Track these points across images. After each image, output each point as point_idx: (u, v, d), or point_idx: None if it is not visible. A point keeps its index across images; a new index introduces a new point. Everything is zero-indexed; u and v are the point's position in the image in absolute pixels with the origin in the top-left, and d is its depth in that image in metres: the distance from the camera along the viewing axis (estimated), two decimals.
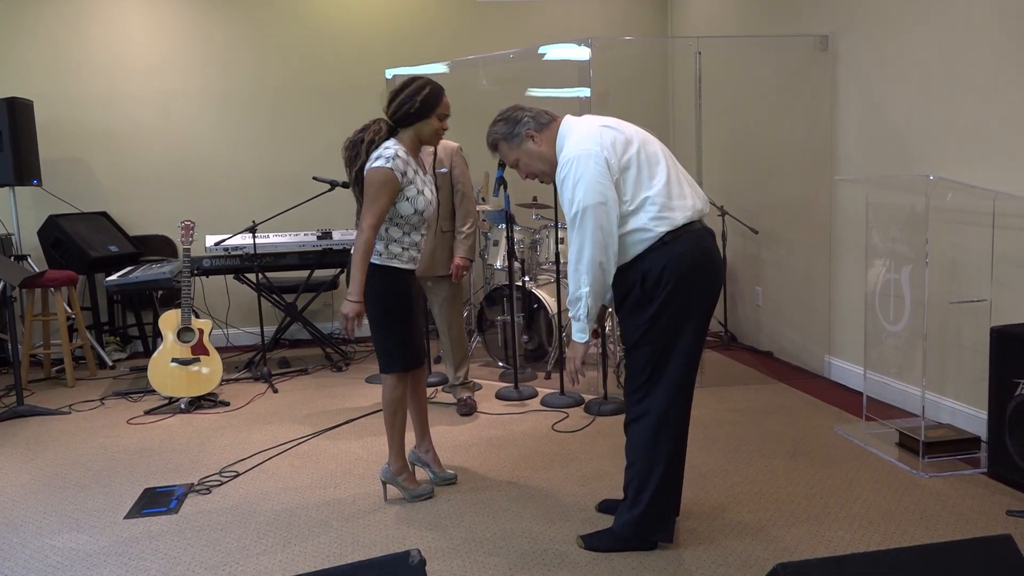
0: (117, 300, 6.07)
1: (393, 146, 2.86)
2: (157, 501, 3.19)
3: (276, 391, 4.86)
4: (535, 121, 2.59)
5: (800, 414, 4.03)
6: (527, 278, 5.01)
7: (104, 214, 6.03)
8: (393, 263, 2.94)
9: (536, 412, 4.22)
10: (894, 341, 3.68)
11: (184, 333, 4.51)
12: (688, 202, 2.48)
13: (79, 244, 5.52)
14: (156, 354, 4.46)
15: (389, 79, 5.83)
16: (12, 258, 5.47)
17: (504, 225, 4.86)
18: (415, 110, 2.89)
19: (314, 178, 5.21)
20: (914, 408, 3.85)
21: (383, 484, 3.15)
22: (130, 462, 3.67)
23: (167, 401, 4.53)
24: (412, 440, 3.29)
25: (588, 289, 2.43)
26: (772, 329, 5.40)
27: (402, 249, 2.95)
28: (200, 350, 4.50)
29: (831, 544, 2.63)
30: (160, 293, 5.98)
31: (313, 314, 5.89)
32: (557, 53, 4.95)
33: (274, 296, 5.50)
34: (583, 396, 4.38)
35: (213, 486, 3.33)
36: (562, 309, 4.61)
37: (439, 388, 4.66)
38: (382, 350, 3.00)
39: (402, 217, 2.91)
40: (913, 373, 3.81)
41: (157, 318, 5.33)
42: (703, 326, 2.53)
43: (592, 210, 2.37)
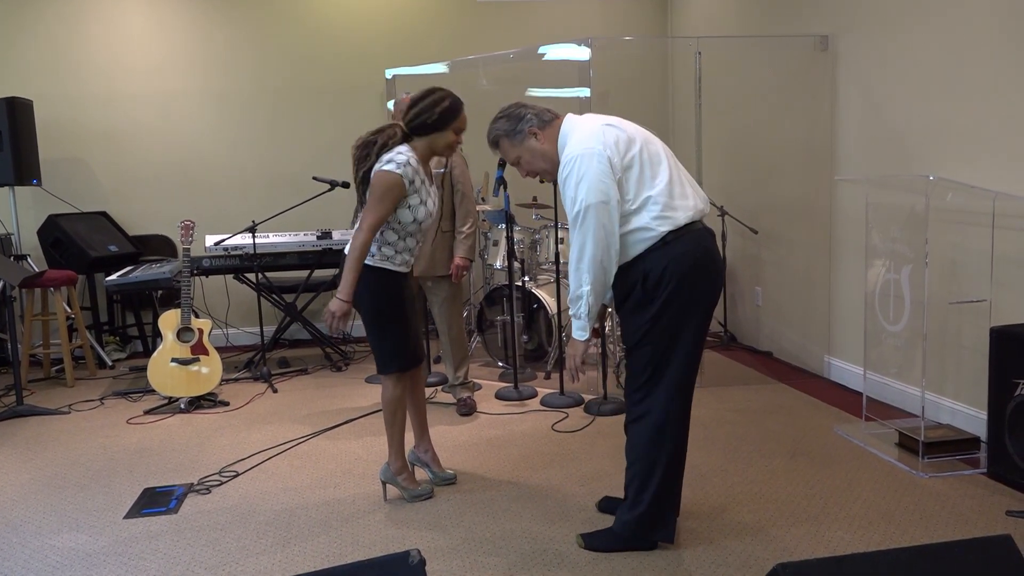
0: (117, 300, 6.07)
1: (406, 152, 2.86)
2: (157, 501, 3.19)
3: (276, 391, 4.86)
4: (538, 119, 2.57)
5: (800, 414, 4.03)
6: (527, 278, 5.01)
7: (104, 214, 6.02)
8: (385, 265, 2.94)
9: (536, 412, 4.22)
10: (894, 341, 3.68)
11: (184, 333, 4.51)
12: (690, 202, 2.48)
13: (79, 244, 5.52)
14: (156, 354, 4.46)
15: (389, 79, 5.84)
16: (12, 258, 5.47)
17: (504, 225, 4.86)
18: (432, 121, 2.89)
19: (314, 178, 5.21)
20: (914, 408, 3.84)
21: (383, 484, 3.15)
22: (130, 462, 3.67)
23: (167, 401, 4.53)
24: (411, 440, 3.29)
25: (589, 288, 2.43)
26: (772, 329, 5.40)
27: (395, 252, 2.95)
28: (200, 350, 4.50)
29: (831, 544, 2.63)
30: (160, 293, 5.98)
31: (313, 314, 5.88)
32: (557, 53, 4.96)
33: (274, 296, 5.50)
34: (583, 396, 4.38)
35: (213, 486, 3.33)
36: (562, 309, 4.61)
37: (439, 388, 4.66)
38: (378, 351, 3.01)
39: (400, 223, 2.91)
40: (913, 373, 3.81)
41: (157, 318, 5.32)
42: (704, 326, 2.53)
43: (594, 208, 2.36)
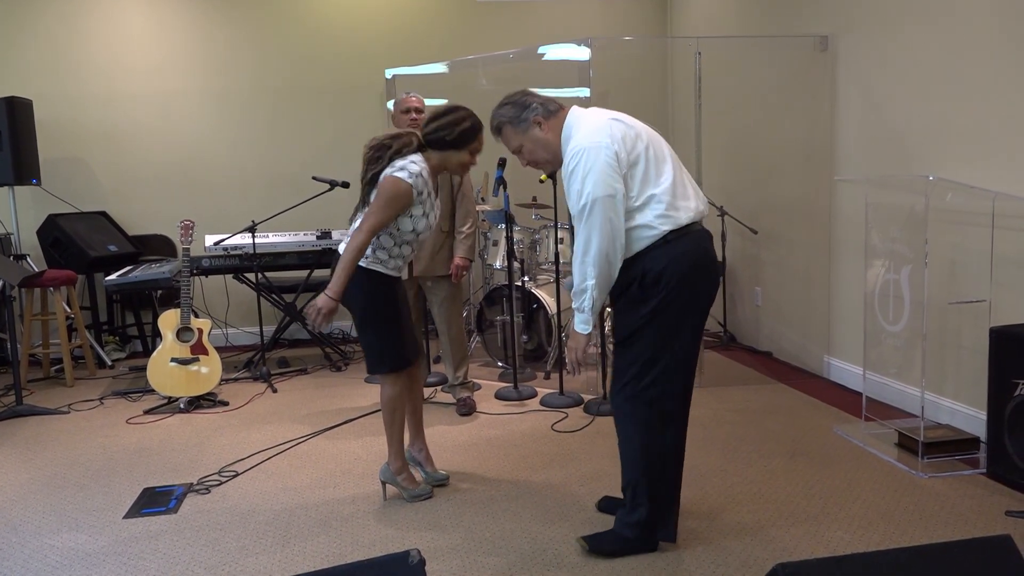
0: (116, 300, 6.07)
1: (420, 163, 2.87)
2: (156, 501, 3.19)
3: (275, 391, 4.86)
4: (543, 108, 2.55)
5: (799, 414, 4.03)
6: (526, 278, 5.01)
7: (103, 214, 6.02)
8: (377, 268, 2.94)
9: (535, 412, 4.22)
10: (893, 341, 3.67)
11: (183, 333, 4.51)
12: (691, 203, 2.47)
13: (78, 244, 5.52)
14: (155, 354, 4.46)
15: (389, 79, 5.84)
16: (11, 257, 5.47)
17: (504, 225, 4.86)
18: (451, 139, 2.89)
19: (314, 178, 5.21)
20: (913, 408, 3.84)
21: (382, 484, 3.15)
22: (129, 462, 3.67)
23: (166, 401, 4.53)
24: (407, 439, 3.29)
25: (594, 282, 2.41)
26: (771, 329, 5.40)
27: (389, 258, 2.95)
28: (199, 350, 4.50)
29: (830, 544, 2.63)
30: (159, 293, 5.98)
31: None
32: (557, 53, 4.96)
33: (273, 296, 5.50)
34: (583, 396, 4.38)
35: (212, 486, 3.33)
36: (561, 309, 4.61)
37: (438, 388, 4.66)
38: (369, 350, 3.00)
39: (399, 230, 2.91)
40: (912, 373, 3.81)
41: (156, 318, 5.32)
42: (700, 326, 2.53)
43: (601, 202, 2.35)
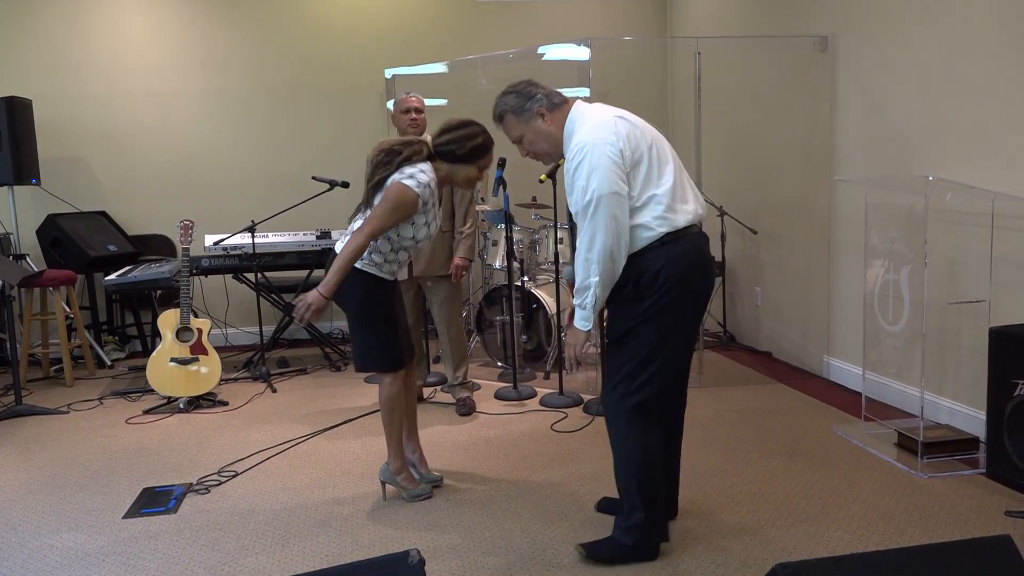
0: (116, 300, 6.07)
1: (428, 173, 2.87)
2: (156, 501, 3.19)
3: (275, 391, 4.86)
4: (548, 100, 2.53)
5: (799, 414, 4.03)
6: (526, 278, 5.01)
7: (103, 213, 6.02)
8: (372, 270, 2.94)
9: (535, 412, 4.22)
10: (893, 341, 3.67)
11: (183, 332, 4.50)
12: (690, 206, 2.47)
13: (78, 243, 5.52)
14: (155, 354, 4.46)
15: (388, 79, 5.84)
16: (11, 257, 5.47)
17: (503, 225, 4.86)
18: (461, 154, 2.90)
19: (313, 178, 5.21)
20: (913, 408, 3.84)
21: (382, 484, 3.15)
22: (129, 462, 3.67)
23: (166, 401, 4.53)
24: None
25: (598, 279, 2.39)
26: (771, 329, 5.40)
27: (384, 261, 2.95)
28: (199, 350, 4.50)
29: (830, 544, 2.63)
30: (159, 293, 5.98)
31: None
32: (557, 53, 4.96)
33: (273, 296, 5.50)
34: (582, 396, 4.38)
35: (212, 486, 3.33)
36: (561, 309, 4.61)
37: (438, 388, 4.66)
38: (361, 348, 3.00)
39: (398, 236, 2.91)
40: (912, 373, 3.81)
41: (156, 318, 5.31)
42: (695, 326, 2.53)
43: (606, 199, 2.33)
